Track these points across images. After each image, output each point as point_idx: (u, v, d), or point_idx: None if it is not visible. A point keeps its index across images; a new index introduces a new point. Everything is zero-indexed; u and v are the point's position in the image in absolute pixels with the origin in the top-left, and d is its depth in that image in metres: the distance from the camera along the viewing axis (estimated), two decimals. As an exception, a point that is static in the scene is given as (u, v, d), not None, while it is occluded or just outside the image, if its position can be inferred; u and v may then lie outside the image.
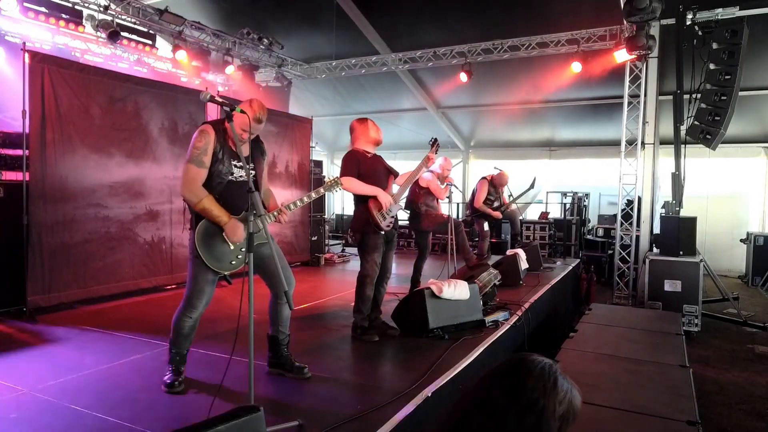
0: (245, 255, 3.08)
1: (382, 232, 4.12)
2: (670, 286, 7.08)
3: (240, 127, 2.97)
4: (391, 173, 4.34)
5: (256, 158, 3.22)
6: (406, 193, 5.39)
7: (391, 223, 4.18)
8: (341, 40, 10.54)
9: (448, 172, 6.23)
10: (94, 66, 7.06)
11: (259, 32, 10.31)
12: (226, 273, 3.09)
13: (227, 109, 2.76)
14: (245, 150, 3.13)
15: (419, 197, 5.98)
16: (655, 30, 7.89)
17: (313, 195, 3.43)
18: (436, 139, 4.51)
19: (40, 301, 4.94)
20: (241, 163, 3.08)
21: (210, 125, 3.07)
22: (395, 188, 4.34)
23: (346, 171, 4.09)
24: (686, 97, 7.61)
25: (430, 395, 2.99)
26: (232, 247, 3.07)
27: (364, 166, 4.13)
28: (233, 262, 3.10)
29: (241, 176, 3.11)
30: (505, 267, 6.21)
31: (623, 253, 8.58)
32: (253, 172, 3.13)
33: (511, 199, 7.91)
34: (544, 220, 10.84)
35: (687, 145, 7.76)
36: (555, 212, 11.95)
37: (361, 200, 4.14)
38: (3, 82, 7.35)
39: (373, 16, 10.35)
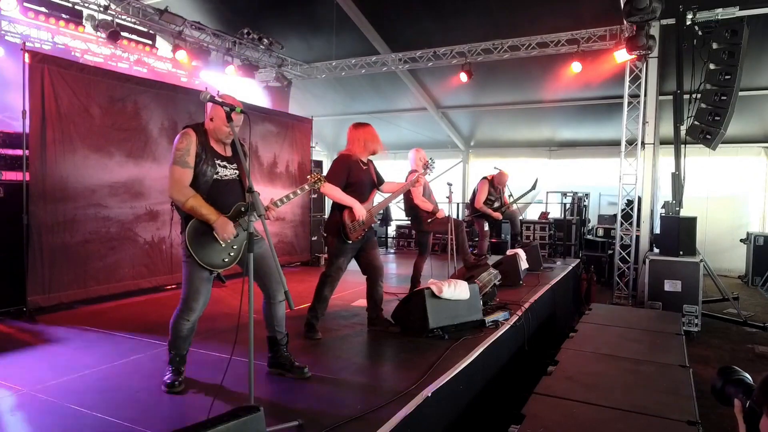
0: (237, 251, 3.12)
1: (350, 242, 4.18)
2: (670, 286, 7.08)
3: (222, 124, 3.00)
4: (375, 187, 4.38)
5: (238, 159, 3.21)
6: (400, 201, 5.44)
7: (362, 234, 4.23)
8: (341, 40, 10.53)
9: (424, 161, 6.04)
10: (94, 66, 7.07)
11: (259, 32, 10.30)
12: (219, 271, 3.12)
13: (227, 109, 2.77)
14: (228, 150, 3.21)
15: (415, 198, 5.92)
16: (655, 30, 7.89)
17: (298, 192, 3.44)
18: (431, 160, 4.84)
19: (40, 301, 4.94)
20: (225, 162, 3.15)
21: (191, 128, 3.14)
22: (378, 198, 4.39)
23: (334, 176, 4.08)
24: (686, 97, 7.61)
25: (430, 395, 2.98)
26: (223, 245, 3.09)
27: (353, 176, 4.16)
28: (226, 260, 3.12)
29: (226, 175, 3.17)
30: (505, 267, 6.20)
31: (623, 253, 8.57)
32: (238, 171, 3.21)
33: (512, 199, 7.90)
34: (544, 220, 10.83)
35: (687, 145, 7.76)
36: (555, 212, 11.95)
37: (337, 207, 4.19)
38: (3, 82, 7.35)
39: (373, 16, 10.35)
